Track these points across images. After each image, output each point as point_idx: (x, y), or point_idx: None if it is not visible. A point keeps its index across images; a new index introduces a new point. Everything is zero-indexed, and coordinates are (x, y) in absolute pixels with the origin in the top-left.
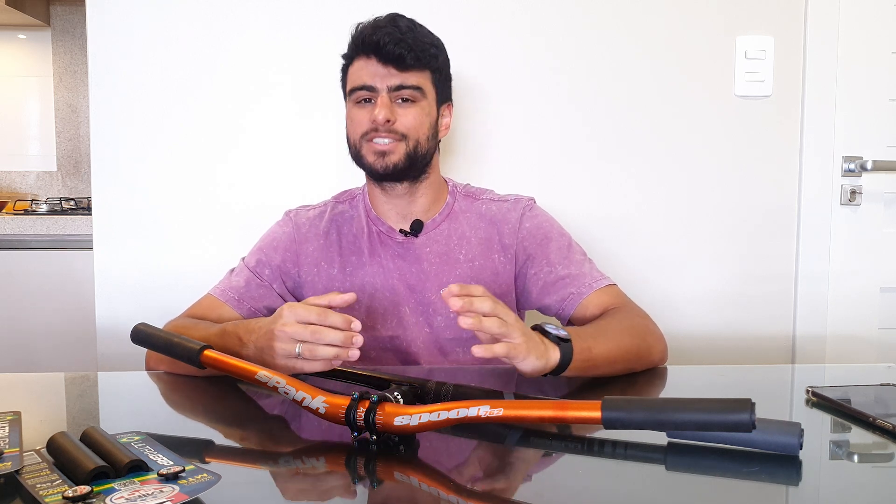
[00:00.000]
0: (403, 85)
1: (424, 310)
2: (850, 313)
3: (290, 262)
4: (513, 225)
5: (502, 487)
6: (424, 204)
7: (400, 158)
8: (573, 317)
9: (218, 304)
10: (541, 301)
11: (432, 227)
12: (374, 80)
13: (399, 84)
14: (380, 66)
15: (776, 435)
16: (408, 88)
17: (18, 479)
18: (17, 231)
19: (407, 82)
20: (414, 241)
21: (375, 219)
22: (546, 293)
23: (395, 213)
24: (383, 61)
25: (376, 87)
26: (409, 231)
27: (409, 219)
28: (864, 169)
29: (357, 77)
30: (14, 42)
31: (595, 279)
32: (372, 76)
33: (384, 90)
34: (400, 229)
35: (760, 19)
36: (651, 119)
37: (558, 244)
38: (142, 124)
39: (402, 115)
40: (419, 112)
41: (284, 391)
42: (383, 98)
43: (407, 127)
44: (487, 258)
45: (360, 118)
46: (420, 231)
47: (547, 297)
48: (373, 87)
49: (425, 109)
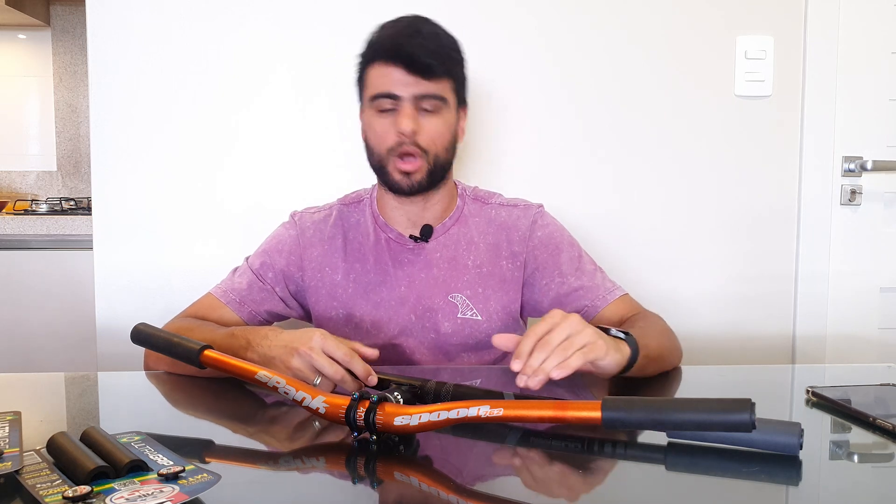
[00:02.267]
0: (428, 94)
1: (431, 316)
2: (850, 313)
3: (293, 266)
4: (523, 232)
5: (502, 487)
6: (438, 210)
7: (423, 176)
8: None
9: (218, 305)
10: None
11: (442, 231)
12: (398, 88)
13: (423, 93)
14: (406, 74)
15: (776, 435)
16: (431, 98)
17: (18, 479)
18: (17, 231)
19: (431, 92)
20: (424, 247)
21: (384, 225)
22: (559, 305)
23: (406, 220)
24: (410, 70)
25: (401, 95)
26: (419, 237)
27: (420, 224)
28: (864, 169)
29: (380, 83)
30: (14, 42)
31: (608, 290)
32: (396, 84)
33: (409, 99)
34: (410, 235)
35: (760, 19)
36: (651, 119)
37: (569, 255)
38: (142, 124)
39: (425, 126)
40: (441, 123)
41: (284, 391)
42: (408, 108)
43: (428, 141)
44: (495, 264)
45: (384, 129)
46: (430, 236)
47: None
48: (397, 96)
49: (446, 119)
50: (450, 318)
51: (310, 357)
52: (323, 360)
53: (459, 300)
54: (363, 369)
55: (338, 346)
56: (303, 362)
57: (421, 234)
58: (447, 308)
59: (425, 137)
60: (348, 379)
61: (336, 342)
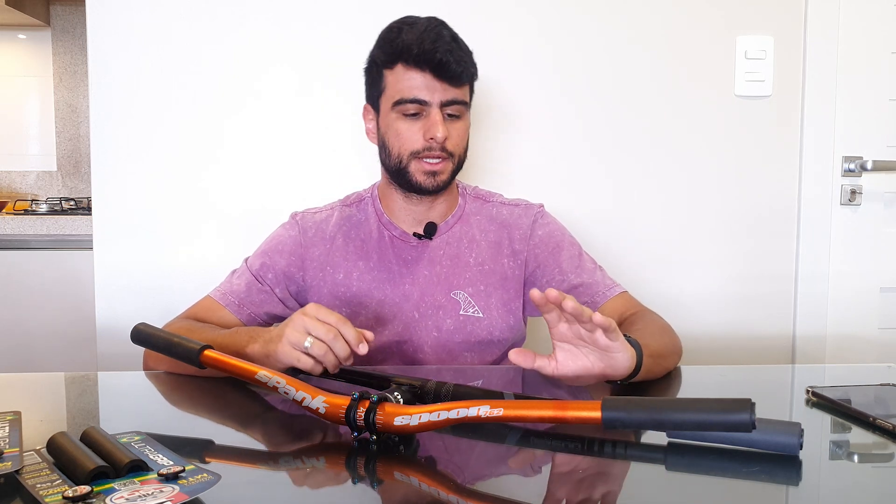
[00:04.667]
0: (455, 100)
1: (434, 313)
2: (850, 313)
3: (294, 267)
4: (524, 231)
5: (502, 487)
6: (442, 209)
7: (448, 177)
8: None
9: (217, 307)
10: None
11: (445, 229)
12: (425, 93)
13: (451, 99)
14: (434, 80)
15: (776, 435)
16: (457, 104)
17: (18, 479)
18: (17, 231)
19: (458, 98)
20: (428, 244)
21: (388, 223)
22: None
23: (411, 219)
24: (440, 76)
25: (429, 101)
26: (423, 234)
27: (423, 222)
28: (864, 169)
29: (407, 88)
30: (14, 42)
31: (608, 287)
32: (423, 90)
33: (436, 105)
34: (414, 232)
35: (760, 19)
36: (651, 119)
37: (570, 253)
38: (142, 124)
39: (451, 131)
40: (464, 128)
41: (284, 391)
42: (437, 114)
43: (454, 145)
44: (497, 262)
45: (411, 134)
46: (434, 234)
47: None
48: (426, 102)
49: (467, 122)
50: (452, 315)
51: (302, 321)
52: (315, 322)
53: (462, 297)
54: (354, 335)
55: (330, 312)
56: (296, 327)
57: (425, 232)
58: (449, 305)
59: (452, 142)
60: (340, 340)
61: (329, 310)
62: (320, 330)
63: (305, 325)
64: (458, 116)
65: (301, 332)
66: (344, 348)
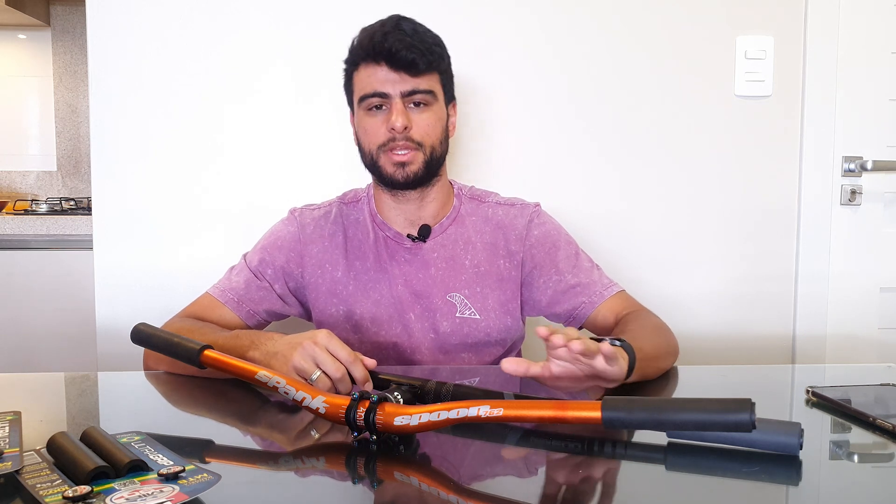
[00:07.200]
0: (416, 90)
1: (430, 315)
2: (850, 313)
3: (293, 263)
4: (520, 231)
5: (502, 487)
6: (434, 209)
7: (419, 168)
8: (585, 325)
9: (216, 305)
10: (551, 309)
11: (440, 231)
12: (385, 86)
13: (412, 89)
14: (391, 72)
15: (776, 435)
16: (420, 93)
17: (18, 479)
18: (17, 231)
19: (419, 87)
20: (422, 247)
21: (382, 224)
22: (556, 302)
23: (403, 219)
24: (395, 67)
25: (389, 93)
26: (417, 236)
27: (417, 224)
28: (864, 169)
29: (367, 84)
30: (14, 42)
31: (605, 286)
32: (383, 82)
33: (397, 96)
34: (408, 234)
35: (760, 19)
36: (651, 119)
37: (566, 252)
38: (142, 124)
39: (416, 121)
40: (432, 116)
41: (284, 391)
42: (398, 104)
43: (422, 134)
44: (493, 263)
45: (375, 127)
46: (428, 236)
47: (557, 305)
48: (385, 94)
49: (437, 113)
50: (448, 317)
51: (314, 350)
52: (326, 356)
53: (458, 299)
54: (362, 375)
55: (342, 346)
56: (305, 355)
57: (419, 234)
58: (446, 307)
59: (419, 131)
60: (347, 380)
61: (341, 343)
62: (330, 366)
63: (315, 357)
64: (425, 105)
65: (309, 363)
66: (348, 387)
